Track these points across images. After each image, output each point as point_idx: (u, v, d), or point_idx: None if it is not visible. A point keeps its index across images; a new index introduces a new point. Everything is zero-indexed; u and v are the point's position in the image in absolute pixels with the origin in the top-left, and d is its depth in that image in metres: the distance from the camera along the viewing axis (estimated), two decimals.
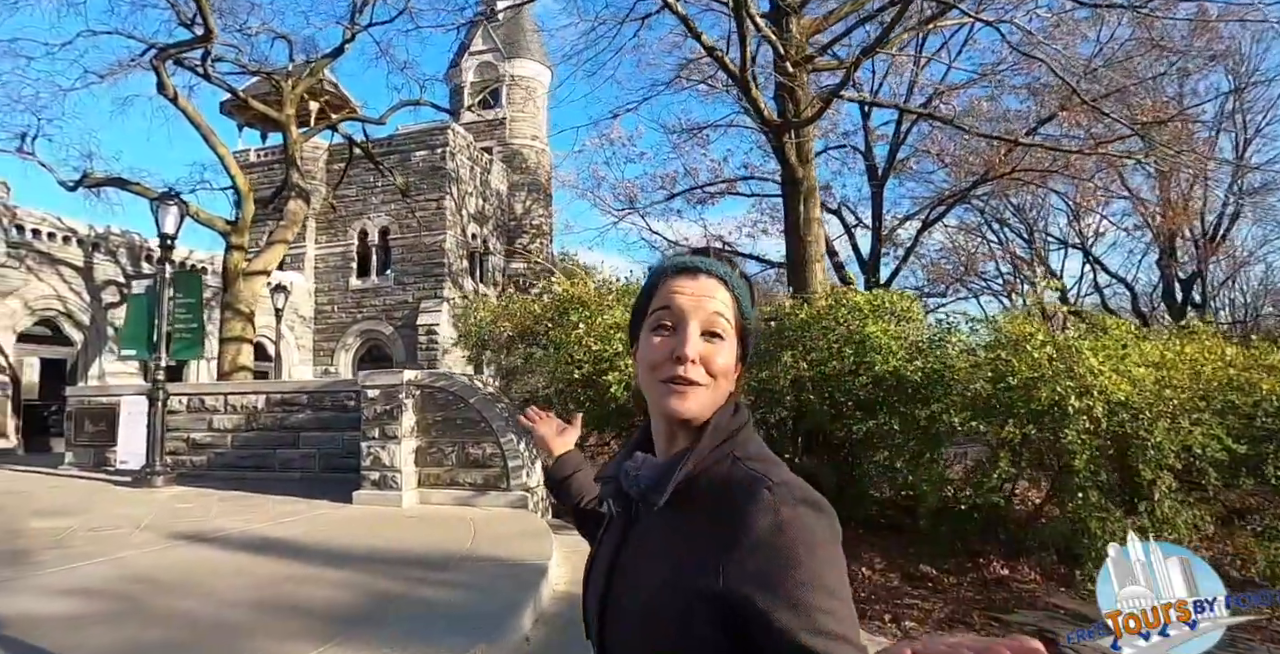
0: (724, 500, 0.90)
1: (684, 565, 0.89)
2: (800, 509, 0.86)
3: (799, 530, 0.85)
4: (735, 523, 0.87)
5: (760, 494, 0.87)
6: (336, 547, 5.61)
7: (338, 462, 9.87)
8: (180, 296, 9.81)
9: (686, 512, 0.93)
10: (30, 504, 7.86)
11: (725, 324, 0.98)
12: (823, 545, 0.85)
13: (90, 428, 11.40)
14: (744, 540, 0.86)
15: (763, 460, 0.95)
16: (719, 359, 0.98)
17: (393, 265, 22.67)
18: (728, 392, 1.00)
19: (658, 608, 0.91)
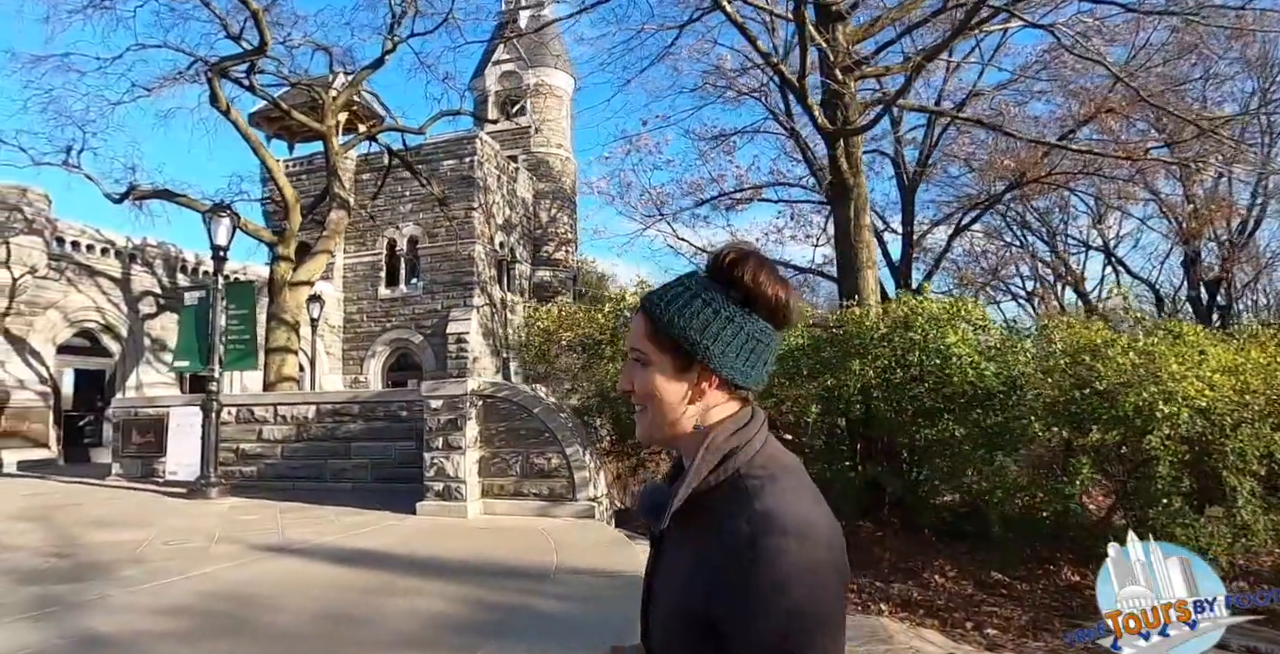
0: (721, 523, 0.92)
1: (685, 589, 0.94)
2: (781, 541, 0.86)
3: (775, 565, 0.85)
4: (714, 542, 0.90)
5: (738, 525, 0.89)
6: (422, 558, 5.55)
7: (390, 472, 9.84)
8: (233, 307, 9.81)
9: (691, 534, 0.96)
10: (93, 516, 7.84)
11: (643, 352, 1.03)
12: (799, 576, 0.85)
13: (138, 439, 11.41)
14: (719, 565, 0.88)
15: (764, 476, 0.96)
16: (639, 383, 1.03)
17: (421, 274, 22.68)
18: (683, 411, 1.02)
19: (670, 628, 0.98)
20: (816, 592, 0.87)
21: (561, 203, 27.34)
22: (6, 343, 14.23)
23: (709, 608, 0.90)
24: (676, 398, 1.02)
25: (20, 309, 14.45)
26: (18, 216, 14.01)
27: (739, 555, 0.87)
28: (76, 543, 6.30)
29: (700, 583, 0.91)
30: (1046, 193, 21.61)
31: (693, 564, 0.94)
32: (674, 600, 0.98)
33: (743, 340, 1.00)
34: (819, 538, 0.89)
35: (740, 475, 0.96)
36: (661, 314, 1.01)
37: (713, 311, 1.00)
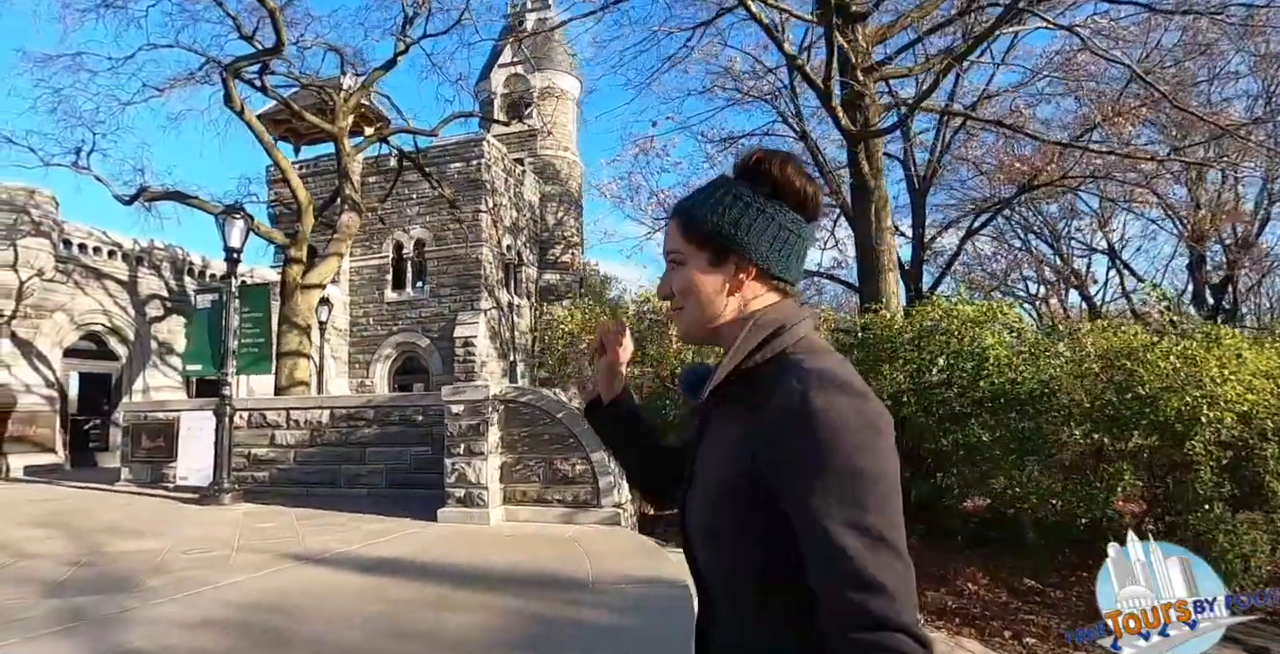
0: (769, 391, 0.93)
1: (732, 457, 0.95)
2: (833, 396, 0.87)
3: (828, 416, 0.85)
4: (775, 411, 0.90)
5: (788, 381, 0.90)
6: (454, 567, 5.40)
7: (406, 477, 9.69)
8: (247, 310, 9.66)
9: (743, 406, 0.97)
10: (108, 523, 7.67)
11: (677, 252, 1.07)
12: (855, 431, 0.85)
13: (147, 444, 11.25)
14: (772, 425, 0.89)
15: (812, 351, 0.98)
16: (675, 281, 1.07)
17: (428, 278, 22.54)
18: (722, 304, 1.05)
19: (714, 494, 0.98)
20: (875, 442, 0.86)
21: (568, 206, 27.23)
22: (13, 346, 14.07)
23: (759, 470, 0.91)
24: (714, 289, 1.04)
25: (27, 312, 14.29)
26: (25, 219, 13.87)
27: (791, 410, 0.88)
28: (95, 551, 6.14)
29: (749, 448, 0.93)
30: (1057, 196, 21.51)
31: (740, 435, 0.96)
32: (719, 473, 0.99)
33: (775, 230, 1.04)
34: (872, 401, 0.89)
35: (786, 354, 0.98)
36: (693, 212, 1.05)
37: (744, 204, 1.03)
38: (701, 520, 1.02)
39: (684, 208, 1.08)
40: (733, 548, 0.97)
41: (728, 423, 1.01)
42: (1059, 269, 28.58)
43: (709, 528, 1.01)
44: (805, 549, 0.87)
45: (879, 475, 0.86)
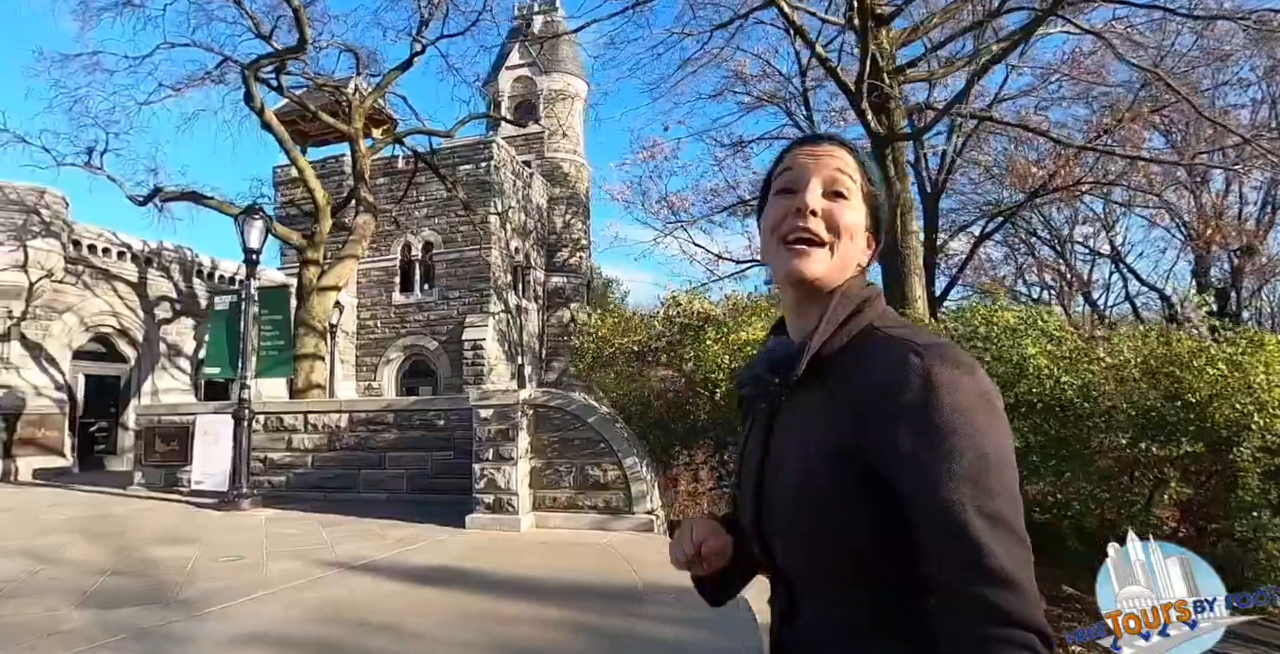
0: (868, 367, 0.87)
1: (830, 434, 0.87)
2: (954, 373, 0.82)
3: (953, 394, 0.80)
4: (882, 387, 0.84)
5: (908, 357, 0.84)
6: (498, 577, 5.27)
7: (427, 483, 9.56)
8: (266, 313, 9.53)
9: (830, 385, 0.90)
10: (131, 529, 7.53)
11: (849, 182, 0.97)
12: (980, 410, 0.81)
13: (162, 447, 11.11)
14: (893, 405, 0.82)
15: (907, 328, 0.92)
16: (842, 216, 0.96)
17: (436, 280, 22.43)
18: (855, 261, 0.99)
19: (808, 482, 0.89)
20: (998, 422, 0.82)
21: (576, 208, 27.13)
22: (22, 348, 13.92)
23: (862, 450, 0.84)
24: (860, 245, 0.99)
25: (36, 313, 14.14)
26: (35, 219, 13.73)
27: (910, 388, 0.82)
28: (121, 559, 6.00)
29: (849, 428, 0.86)
30: (1070, 200, 21.46)
31: (834, 415, 0.88)
32: (812, 459, 0.90)
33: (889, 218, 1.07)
34: (987, 377, 0.85)
35: (875, 327, 0.93)
36: (869, 166, 1.01)
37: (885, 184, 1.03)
38: (790, 511, 0.93)
39: (865, 162, 1.02)
40: (832, 538, 0.88)
41: (810, 406, 0.93)
42: (1064, 273, 28.55)
43: (799, 518, 0.91)
44: (926, 537, 0.81)
45: (1004, 458, 0.81)
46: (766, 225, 1.01)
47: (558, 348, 25.41)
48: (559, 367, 25.09)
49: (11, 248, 13.48)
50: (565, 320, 25.35)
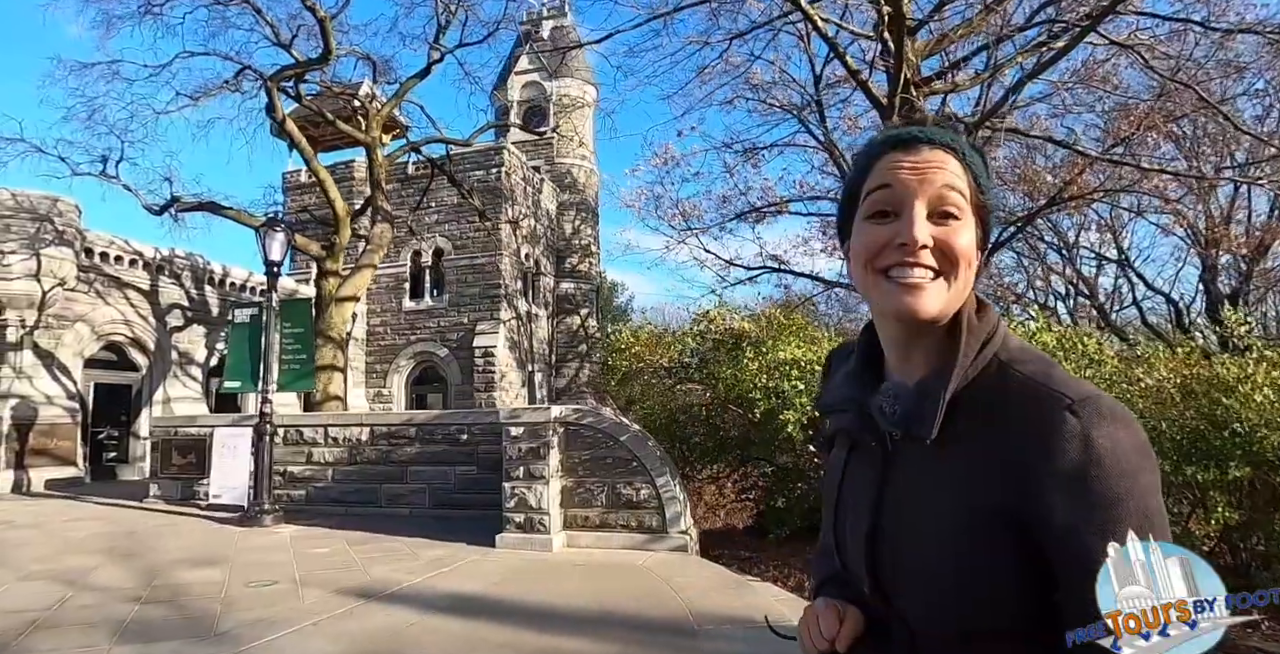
0: (1012, 419, 0.79)
1: (975, 491, 0.79)
2: (1114, 431, 0.75)
3: (1116, 459, 0.75)
4: (1035, 449, 0.76)
5: (1063, 417, 0.76)
6: (541, 606, 5.16)
7: (450, 498, 9.46)
8: (287, 326, 9.42)
9: (963, 434, 0.82)
10: (156, 548, 7.41)
11: (960, 200, 0.84)
12: (1143, 472, 0.76)
13: (178, 460, 11.02)
14: (1049, 469, 0.75)
15: (1038, 362, 0.83)
16: (958, 241, 0.83)
17: (447, 287, 22.32)
18: (969, 285, 0.86)
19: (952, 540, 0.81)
20: (1155, 481, 0.78)
21: (585, 214, 27.05)
22: (35, 357, 13.82)
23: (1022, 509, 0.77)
24: (975, 269, 0.86)
25: (49, 322, 14.05)
26: (48, 227, 13.63)
27: (1070, 450, 0.75)
28: (152, 583, 5.88)
29: (999, 486, 0.78)
30: (1081, 207, 21.37)
31: (975, 467, 0.80)
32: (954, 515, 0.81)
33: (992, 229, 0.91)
34: (1141, 430, 0.78)
35: (1005, 363, 0.83)
36: (982, 171, 0.87)
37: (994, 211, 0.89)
38: (928, 567, 0.84)
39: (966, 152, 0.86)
40: (972, 593, 0.81)
41: (944, 457, 0.83)
42: (1070, 278, 28.46)
43: (935, 570, 0.83)
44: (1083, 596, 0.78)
45: (1162, 512, 0.77)
46: (860, 253, 0.87)
47: (567, 354, 25.33)
48: (569, 373, 25.01)
49: (24, 256, 13.39)
50: (575, 327, 25.28)
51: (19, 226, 13.43)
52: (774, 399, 6.79)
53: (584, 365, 25.18)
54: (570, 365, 25.16)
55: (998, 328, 0.86)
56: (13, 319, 13.56)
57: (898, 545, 0.88)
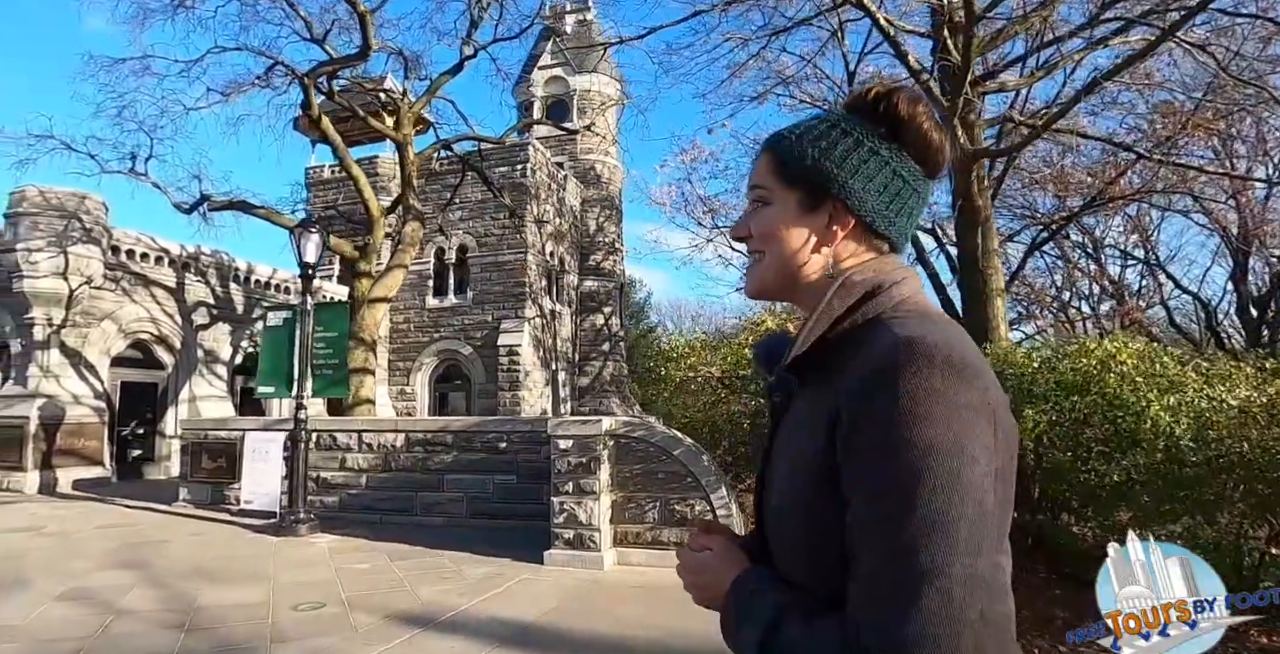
0: (852, 367, 0.79)
1: (813, 434, 0.81)
2: (921, 369, 0.72)
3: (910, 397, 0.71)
4: (848, 383, 0.77)
5: (878, 347, 0.77)
6: (605, 638, 4.88)
7: (488, 507, 9.21)
8: (320, 330, 9.16)
9: (822, 378, 0.83)
10: (191, 561, 7.19)
11: (768, 186, 0.93)
12: (941, 422, 0.70)
13: (208, 464, 10.83)
14: (848, 398, 0.76)
15: (914, 314, 0.83)
16: (759, 223, 0.93)
17: (471, 284, 22.07)
18: (808, 255, 0.90)
19: (786, 491, 0.86)
20: (959, 439, 0.69)
21: (610, 211, 26.71)
22: (62, 356, 13.67)
23: (831, 452, 0.77)
24: (800, 240, 0.90)
25: (76, 321, 13.88)
26: (76, 225, 13.45)
27: (870, 384, 0.74)
28: (192, 606, 5.64)
29: (824, 425, 0.79)
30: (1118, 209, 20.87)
31: (819, 410, 0.81)
32: (797, 462, 0.84)
33: (888, 177, 0.89)
34: (976, 380, 0.73)
35: (882, 319, 0.83)
36: (792, 146, 0.91)
37: (854, 141, 0.89)
38: (782, 527, 0.88)
39: (780, 137, 0.94)
40: (804, 533, 0.82)
41: (811, 400, 0.86)
42: (1097, 278, 27.90)
43: (789, 534, 0.87)
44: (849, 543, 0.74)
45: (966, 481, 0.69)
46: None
47: (591, 353, 25.04)
48: (592, 372, 24.73)
49: (52, 254, 13.22)
50: (599, 325, 24.98)
51: (46, 224, 13.26)
52: None
53: (607, 364, 24.91)
54: (594, 364, 24.88)
55: (887, 288, 0.86)
56: (40, 317, 13.40)
57: (770, 487, 0.93)
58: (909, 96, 0.90)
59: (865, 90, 0.92)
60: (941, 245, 21.08)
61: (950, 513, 0.68)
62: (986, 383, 0.75)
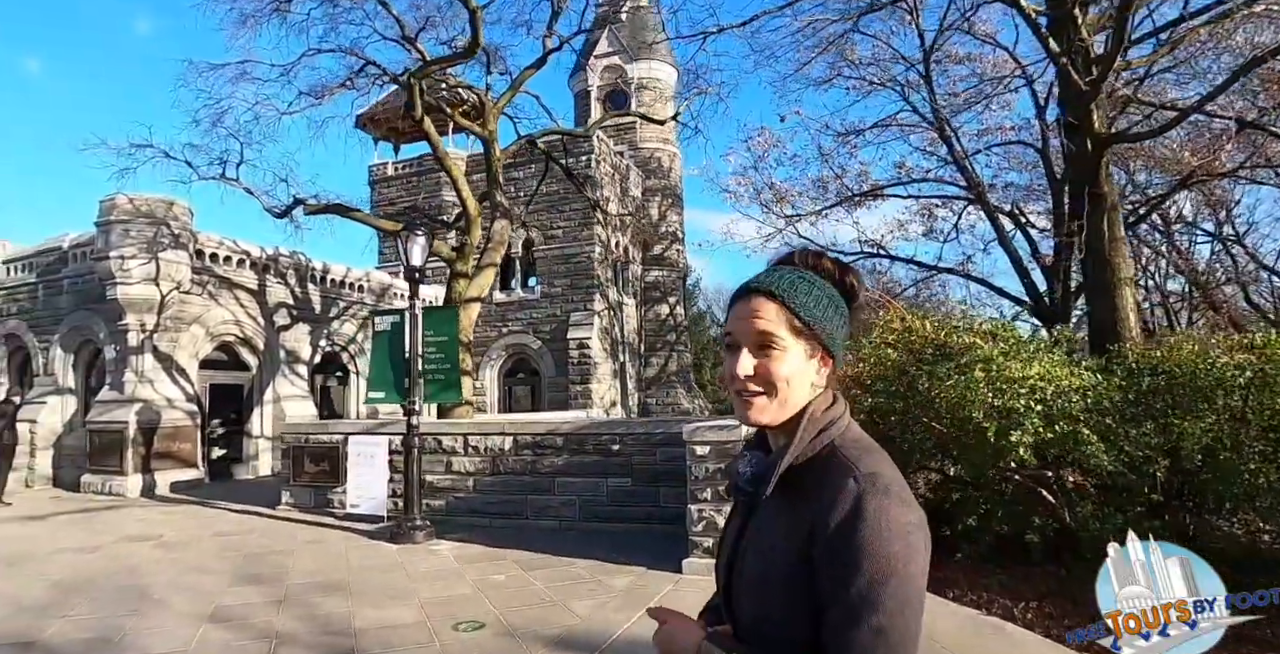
0: (821, 485, 1.04)
1: (786, 542, 1.05)
2: (883, 501, 0.98)
3: (877, 521, 0.96)
4: (824, 504, 1.00)
5: (847, 482, 1.01)
6: None
7: (602, 511, 9.05)
8: (430, 334, 9.03)
9: (792, 496, 1.07)
10: (317, 573, 7.09)
11: (775, 336, 1.10)
12: (899, 539, 0.96)
13: (311, 467, 10.85)
14: (828, 521, 0.99)
15: (860, 448, 1.09)
16: (776, 368, 1.10)
17: (538, 278, 21.97)
18: (806, 393, 1.13)
19: (766, 583, 1.08)
20: (910, 552, 0.96)
21: (670, 200, 26.34)
22: (155, 361, 13.85)
23: (810, 554, 1.00)
24: (807, 382, 1.12)
25: (166, 325, 14.06)
26: (165, 231, 13.58)
27: (845, 509, 0.98)
28: (348, 628, 5.50)
29: (801, 534, 1.02)
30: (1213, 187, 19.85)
31: (794, 521, 1.05)
32: (772, 557, 1.07)
33: (846, 333, 1.17)
34: (915, 506, 1.01)
35: (836, 447, 1.09)
36: (809, 313, 1.11)
37: (839, 314, 1.15)
38: (753, 604, 1.11)
39: (799, 304, 1.11)
40: (778, 624, 1.05)
41: (776, 513, 1.10)
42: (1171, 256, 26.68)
43: (760, 612, 1.09)
44: (826, 638, 0.97)
45: (912, 576, 0.96)
46: (722, 375, 1.21)
47: (656, 343, 24.81)
48: (658, 363, 24.52)
49: (143, 260, 13.37)
50: (664, 316, 24.72)
51: (137, 231, 13.40)
52: (998, 418, 6.13)
53: (673, 354, 24.67)
54: (660, 354, 24.65)
55: (837, 421, 1.12)
56: (134, 323, 13.59)
57: (743, 570, 1.15)
58: (855, 273, 1.18)
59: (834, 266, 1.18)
60: (1021, 226, 20.32)
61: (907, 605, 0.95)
62: (916, 504, 1.00)
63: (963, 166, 18.31)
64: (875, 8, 11.57)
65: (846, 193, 19.84)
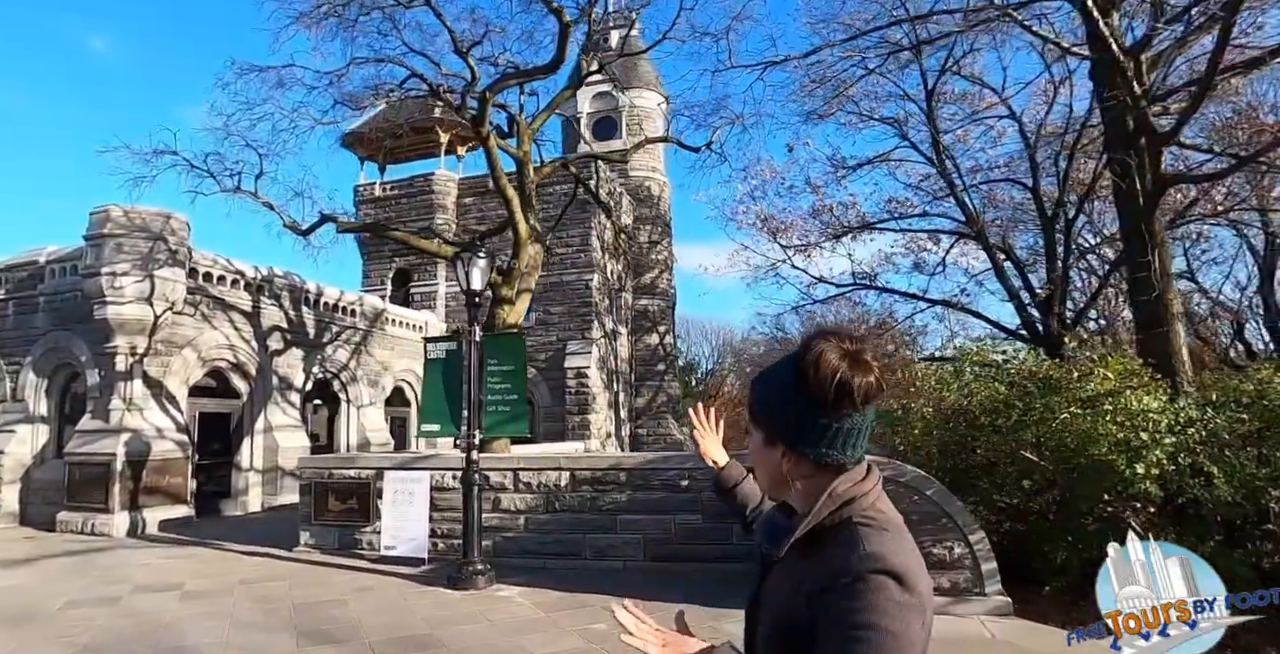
0: (828, 557, 1.08)
1: (789, 603, 1.10)
2: (880, 579, 1.01)
3: (875, 599, 0.99)
4: (827, 575, 1.04)
5: (853, 554, 1.04)
6: None
7: (669, 550, 8.61)
8: (494, 363, 8.52)
9: (803, 562, 1.12)
10: (390, 631, 6.43)
11: (750, 421, 1.23)
12: (892, 615, 0.98)
13: (336, 505, 10.10)
14: (829, 592, 1.03)
15: (877, 525, 1.11)
16: (750, 446, 1.25)
17: (534, 304, 21.44)
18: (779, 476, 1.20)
19: (774, 631, 1.14)
20: (905, 629, 0.98)
21: (660, 228, 26.21)
22: (145, 387, 12.85)
23: (810, 621, 1.04)
24: (770, 465, 1.21)
25: (158, 349, 13.08)
26: (161, 247, 12.69)
27: (847, 583, 1.01)
28: None
29: (804, 600, 1.07)
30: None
31: (800, 584, 1.09)
32: (778, 614, 1.14)
33: (832, 434, 1.13)
34: (916, 587, 1.02)
35: (853, 520, 1.11)
36: (759, 407, 1.21)
37: (795, 414, 1.14)
38: (766, 634, 1.18)
39: (756, 397, 1.22)
40: None
41: (789, 572, 1.15)
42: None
43: (769, 643, 1.16)
44: None
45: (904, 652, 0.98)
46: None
47: (646, 373, 24.44)
48: (648, 393, 24.13)
49: (137, 278, 12.44)
50: (654, 345, 24.40)
51: (131, 246, 12.49)
52: (1122, 451, 6.04)
53: (663, 384, 24.33)
54: (649, 385, 24.28)
55: (860, 497, 1.13)
56: (123, 346, 12.58)
57: (755, 626, 1.24)
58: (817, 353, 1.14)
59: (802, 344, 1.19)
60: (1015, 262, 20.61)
61: None
62: (922, 587, 1.04)
63: (962, 202, 18.76)
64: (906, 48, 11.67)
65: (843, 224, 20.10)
